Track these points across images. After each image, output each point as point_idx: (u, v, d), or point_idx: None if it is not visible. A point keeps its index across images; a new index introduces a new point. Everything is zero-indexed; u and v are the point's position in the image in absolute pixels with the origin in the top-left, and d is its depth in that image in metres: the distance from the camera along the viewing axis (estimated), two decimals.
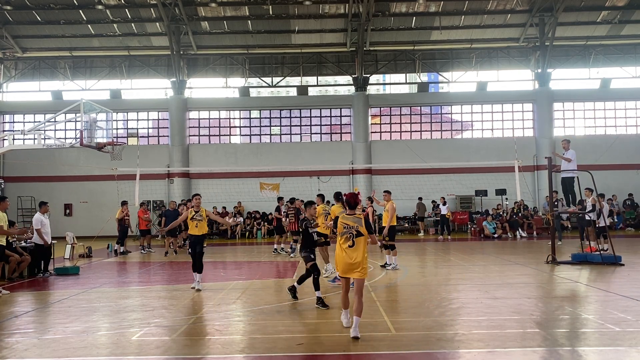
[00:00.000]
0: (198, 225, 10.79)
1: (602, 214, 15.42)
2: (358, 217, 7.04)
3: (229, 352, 6.31)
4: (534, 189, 28.36)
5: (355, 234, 6.91)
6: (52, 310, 9.10)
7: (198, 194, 11.35)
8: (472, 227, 26.21)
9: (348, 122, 30.65)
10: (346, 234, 6.96)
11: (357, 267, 6.87)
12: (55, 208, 25.53)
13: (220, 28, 29.28)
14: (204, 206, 11.30)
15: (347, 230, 6.96)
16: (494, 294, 9.51)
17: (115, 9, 27.84)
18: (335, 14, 28.32)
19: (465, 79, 30.89)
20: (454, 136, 32.23)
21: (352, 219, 7.00)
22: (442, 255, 16.90)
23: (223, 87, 31.39)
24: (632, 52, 30.50)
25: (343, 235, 6.98)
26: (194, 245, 10.81)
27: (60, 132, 28.27)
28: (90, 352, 6.39)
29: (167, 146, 30.02)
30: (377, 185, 28.50)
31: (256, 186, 28.79)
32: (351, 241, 6.91)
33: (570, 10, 28.19)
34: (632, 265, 13.06)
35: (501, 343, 6.37)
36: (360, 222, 6.96)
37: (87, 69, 30.88)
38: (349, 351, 6.22)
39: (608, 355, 5.97)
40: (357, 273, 6.88)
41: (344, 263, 6.95)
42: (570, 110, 30.55)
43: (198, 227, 10.79)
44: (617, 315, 7.61)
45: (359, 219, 7.01)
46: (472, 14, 28.40)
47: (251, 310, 8.71)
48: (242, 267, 14.85)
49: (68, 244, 17.57)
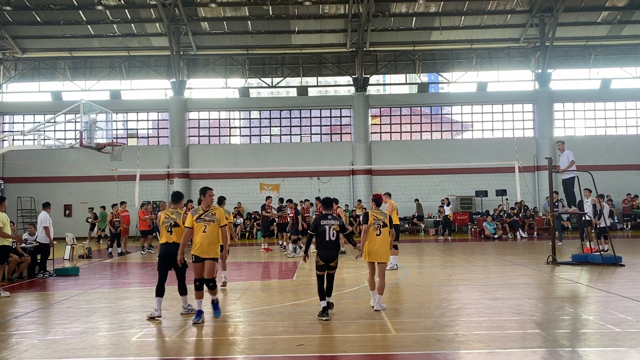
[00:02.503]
0: (207, 228, 7.77)
1: (602, 214, 15.41)
2: (384, 212, 8.66)
3: (229, 353, 6.30)
4: (534, 189, 28.36)
5: (382, 225, 8.33)
6: (51, 311, 9.09)
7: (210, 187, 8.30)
8: (473, 228, 26.19)
9: (348, 122, 30.65)
10: (375, 224, 8.32)
11: (381, 253, 8.27)
12: (55, 209, 25.47)
13: (220, 28, 29.28)
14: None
15: (376, 221, 8.35)
16: (495, 295, 9.50)
17: (115, 10, 27.84)
18: (335, 14, 28.33)
19: (466, 80, 30.90)
20: (454, 137, 32.25)
21: (379, 213, 8.51)
22: (443, 255, 16.88)
23: (223, 88, 31.40)
24: (632, 53, 30.50)
25: (372, 226, 8.31)
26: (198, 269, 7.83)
27: (60, 133, 28.29)
28: (90, 353, 6.37)
29: (167, 147, 30.02)
30: (377, 185, 28.51)
31: (256, 187, 28.78)
32: (379, 230, 8.30)
33: (571, 11, 28.20)
34: (633, 265, 13.05)
35: (501, 344, 6.36)
36: (385, 217, 8.48)
37: (87, 70, 30.89)
38: (349, 352, 6.21)
39: (608, 356, 5.95)
40: (382, 258, 8.31)
41: (371, 249, 8.28)
42: (571, 111, 30.55)
43: (207, 231, 7.76)
44: (618, 315, 7.60)
45: (385, 214, 8.56)
46: (472, 14, 28.40)
47: (251, 311, 8.69)
48: (242, 268, 14.83)
49: (68, 245, 17.57)
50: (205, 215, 7.83)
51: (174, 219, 8.12)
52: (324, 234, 7.92)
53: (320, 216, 8.23)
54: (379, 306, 8.19)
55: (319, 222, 8.02)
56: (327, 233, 7.91)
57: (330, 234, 7.91)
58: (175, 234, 8.07)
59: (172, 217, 8.14)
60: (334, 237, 7.93)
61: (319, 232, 7.97)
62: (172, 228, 8.07)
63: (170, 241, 8.08)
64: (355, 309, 8.55)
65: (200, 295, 7.76)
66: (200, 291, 7.77)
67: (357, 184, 29.07)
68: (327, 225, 7.95)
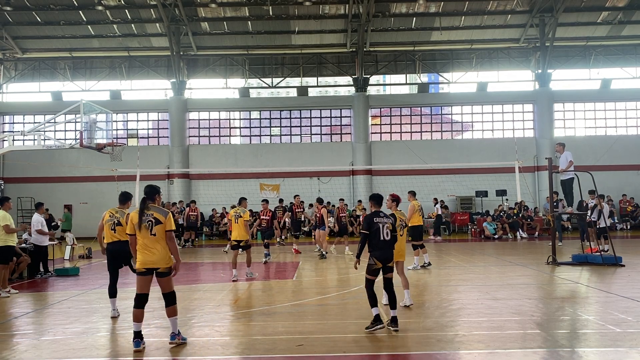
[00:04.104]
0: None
1: (603, 214, 15.41)
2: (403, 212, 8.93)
3: (229, 353, 6.30)
4: (534, 189, 28.35)
5: (403, 226, 8.56)
6: (51, 311, 9.09)
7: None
8: (473, 228, 26.17)
9: (348, 122, 30.64)
10: (399, 226, 8.29)
11: (400, 252, 8.37)
12: (55, 209, 25.52)
13: (220, 29, 29.28)
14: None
15: (401, 222, 8.46)
16: (495, 295, 9.50)
17: (115, 10, 27.84)
18: (335, 14, 28.32)
19: (466, 80, 30.90)
20: (454, 137, 32.24)
21: (399, 213, 8.63)
22: (443, 256, 16.87)
23: (223, 88, 31.39)
24: (632, 53, 30.50)
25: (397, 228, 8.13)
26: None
27: (60, 133, 28.27)
28: (90, 353, 6.37)
29: (167, 147, 30.01)
30: (378, 186, 28.52)
31: (256, 187, 28.76)
32: (402, 231, 8.45)
33: (571, 11, 28.19)
34: (633, 266, 13.04)
35: (501, 344, 6.36)
36: (404, 216, 8.79)
37: (87, 70, 30.89)
38: (349, 352, 6.21)
39: (608, 356, 5.95)
40: (401, 257, 8.46)
41: (401, 249, 8.39)
42: (571, 111, 30.54)
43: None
44: (618, 316, 7.60)
45: (404, 214, 8.89)
46: (472, 14, 28.40)
47: (251, 311, 8.69)
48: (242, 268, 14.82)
49: (68, 245, 17.56)
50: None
51: (117, 218, 8.26)
52: (378, 232, 7.28)
53: (372, 213, 7.48)
54: (409, 301, 8.51)
55: (372, 220, 7.36)
56: (381, 231, 7.28)
57: (384, 233, 7.28)
58: (118, 232, 8.19)
59: (116, 216, 8.29)
60: (388, 237, 7.28)
61: (372, 230, 7.30)
62: (116, 226, 8.21)
63: (115, 239, 8.21)
64: (355, 309, 8.55)
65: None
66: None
67: (357, 184, 29.06)
68: (381, 223, 7.34)
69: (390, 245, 7.34)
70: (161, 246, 6.49)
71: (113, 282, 8.29)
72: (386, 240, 7.27)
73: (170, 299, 6.58)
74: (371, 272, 7.25)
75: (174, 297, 6.61)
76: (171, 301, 6.58)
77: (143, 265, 6.48)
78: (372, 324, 6.95)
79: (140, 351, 6.28)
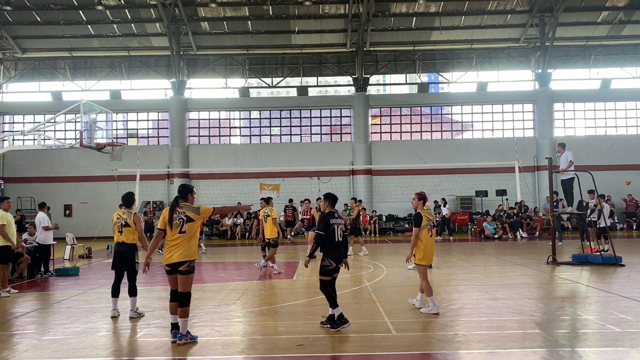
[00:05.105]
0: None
1: (603, 214, 15.41)
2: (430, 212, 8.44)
3: (229, 353, 6.30)
4: (534, 189, 28.35)
5: (432, 226, 8.17)
6: (51, 311, 9.09)
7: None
8: (473, 228, 26.18)
9: (348, 122, 30.64)
10: (427, 226, 8.10)
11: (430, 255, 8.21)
12: (55, 209, 25.53)
13: (220, 28, 29.28)
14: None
15: (429, 223, 8.14)
16: (495, 295, 9.50)
17: (115, 10, 27.84)
18: (335, 14, 28.32)
19: (466, 80, 30.90)
20: (454, 137, 32.24)
21: (429, 213, 8.31)
22: (443, 255, 16.87)
23: (223, 88, 31.39)
24: (632, 53, 30.50)
25: (425, 228, 8.06)
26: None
27: (60, 133, 28.27)
28: (90, 353, 6.37)
29: (167, 147, 30.01)
30: (378, 186, 28.54)
31: (256, 187, 28.77)
32: (431, 232, 8.13)
33: (571, 11, 28.19)
34: (633, 266, 13.05)
35: (502, 344, 6.36)
36: (434, 217, 8.44)
37: (87, 70, 30.89)
38: (349, 352, 6.21)
39: (608, 356, 5.95)
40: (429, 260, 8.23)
41: (428, 252, 8.13)
42: (571, 111, 30.55)
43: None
44: (618, 316, 7.61)
45: (433, 214, 8.52)
46: (472, 14, 28.40)
47: (251, 311, 8.69)
48: (242, 268, 14.83)
49: (68, 245, 17.57)
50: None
51: (124, 219, 8.38)
52: (333, 233, 7.30)
53: (328, 214, 7.45)
54: (436, 309, 7.94)
55: (329, 221, 7.36)
56: (336, 232, 7.31)
57: (338, 234, 7.32)
58: (125, 234, 8.36)
59: (123, 217, 8.41)
60: (341, 238, 7.33)
61: (328, 231, 7.31)
62: (123, 228, 8.34)
63: (121, 241, 8.37)
64: (355, 309, 8.55)
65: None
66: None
67: (357, 184, 29.05)
68: (336, 224, 7.36)
69: (343, 246, 7.40)
70: (187, 245, 6.64)
71: (117, 281, 8.39)
72: (339, 242, 7.34)
73: (184, 299, 6.63)
74: (326, 273, 7.29)
75: (188, 299, 6.67)
76: (185, 302, 6.62)
77: (167, 262, 6.65)
78: (337, 323, 7.06)
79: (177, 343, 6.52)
